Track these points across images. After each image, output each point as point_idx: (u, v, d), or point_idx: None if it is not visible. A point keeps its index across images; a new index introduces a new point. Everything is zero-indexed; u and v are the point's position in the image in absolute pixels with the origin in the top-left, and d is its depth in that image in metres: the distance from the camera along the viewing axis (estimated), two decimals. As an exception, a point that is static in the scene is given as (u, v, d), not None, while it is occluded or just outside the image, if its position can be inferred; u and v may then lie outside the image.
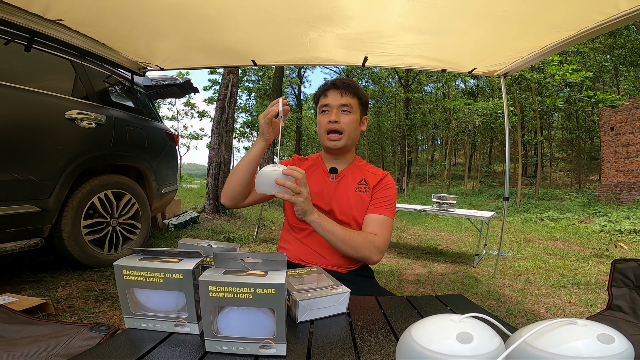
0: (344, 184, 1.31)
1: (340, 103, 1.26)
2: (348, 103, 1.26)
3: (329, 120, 1.25)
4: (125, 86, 3.28)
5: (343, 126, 1.26)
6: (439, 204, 4.43)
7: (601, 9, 1.73)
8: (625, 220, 7.52)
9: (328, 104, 1.27)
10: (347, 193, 1.29)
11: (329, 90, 1.28)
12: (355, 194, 1.29)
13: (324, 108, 1.29)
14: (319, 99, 1.32)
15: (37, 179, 2.23)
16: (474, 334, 0.44)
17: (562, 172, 26.59)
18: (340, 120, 1.26)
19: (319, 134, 1.34)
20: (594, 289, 3.12)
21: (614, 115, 11.87)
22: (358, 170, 1.35)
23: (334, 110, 1.26)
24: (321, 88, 1.32)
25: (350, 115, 1.27)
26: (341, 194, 1.29)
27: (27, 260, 2.89)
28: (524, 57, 2.52)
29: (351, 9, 1.97)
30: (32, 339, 0.77)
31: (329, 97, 1.27)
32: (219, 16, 2.07)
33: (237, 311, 0.57)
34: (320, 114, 1.31)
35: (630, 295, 1.26)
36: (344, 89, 1.26)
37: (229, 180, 1.22)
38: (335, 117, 1.25)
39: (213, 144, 6.67)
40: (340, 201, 1.27)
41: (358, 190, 1.29)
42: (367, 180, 1.32)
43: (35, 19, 1.93)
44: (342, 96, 1.26)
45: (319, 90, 1.34)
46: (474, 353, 0.42)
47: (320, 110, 1.31)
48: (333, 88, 1.28)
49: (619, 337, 0.41)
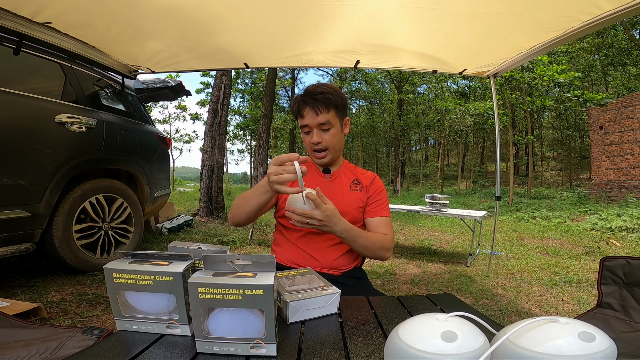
0: (338, 183, 1.34)
1: (318, 122, 1.23)
2: (326, 120, 1.24)
3: (312, 142, 1.26)
4: (116, 89, 3.27)
5: (326, 144, 1.26)
6: (432, 204, 4.46)
7: (586, 10, 1.77)
8: (616, 218, 7.62)
9: (307, 124, 1.25)
10: (342, 191, 1.32)
11: (304, 109, 1.25)
12: (350, 192, 1.33)
13: (305, 129, 1.28)
14: (297, 117, 1.30)
15: (27, 183, 2.21)
16: (458, 332, 0.44)
17: (553, 171, 26.91)
18: (322, 138, 1.26)
19: (306, 149, 1.35)
20: (586, 286, 3.16)
21: (602, 114, 12.03)
22: (349, 172, 1.39)
23: (314, 130, 1.25)
24: (295, 105, 1.29)
25: (331, 131, 1.26)
26: (337, 191, 1.32)
27: (18, 265, 2.86)
28: (513, 58, 2.55)
29: (342, 12, 1.98)
30: (25, 343, 0.77)
31: (306, 118, 1.24)
32: (211, 18, 2.06)
33: (227, 312, 0.58)
34: (303, 133, 1.31)
35: (620, 293, 1.27)
36: (317, 106, 1.22)
37: (237, 210, 1.19)
38: (317, 139, 1.25)
39: (206, 146, 6.65)
40: (336, 198, 1.26)
41: (352, 189, 1.33)
42: (359, 180, 1.36)
43: (24, 22, 1.91)
44: (317, 115, 1.23)
45: (294, 106, 1.30)
46: (459, 351, 0.43)
47: (301, 129, 1.31)
48: (306, 105, 1.24)
49: (600, 335, 0.42)
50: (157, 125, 10.70)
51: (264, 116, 10.53)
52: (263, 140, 10.38)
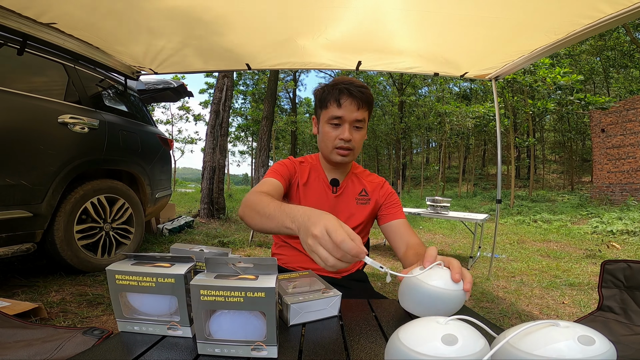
0: (345, 197, 1.27)
1: (355, 118, 1.12)
2: (363, 118, 1.13)
3: (342, 137, 1.13)
4: (119, 90, 3.28)
5: (355, 144, 1.16)
6: (433, 207, 4.46)
7: (588, 13, 1.77)
8: (617, 221, 7.61)
9: (341, 116, 1.12)
10: (348, 206, 1.26)
11: (344, 97, 1.11)
12: (356, 206, 1.26)
13: (335, 121, 1.13)
14: (328, 104, 1.14)
15: (29, 183, 2.22)
16: (459, 335, 0.45)
17: (554, 174, 26.86)
18: (352, 138, 1.14)
19: (324, 144, 1.19)
20: (587, 289, 3.15)
21: (604, 117, 12.04)
22: (357, 180, 1.31)
23: (346, 126, 1.12)
24: (333, 90, 1.13)
25: (362, 131, 1.17)
26: (342, 207, 1.26)
27: (19, 265, 2.87)
28: (515, 61, 2.56)
29: (345, 15, 1.99)
30: (25, 343, 0.77)
31: (343, 108, 1.11)
32: (214, 20, 2.07)
33: (229, 314, 0.58)
34: (329, 125, 1.15)
35: (620, 296, 1.27)
36: (361, 100, 1.11)
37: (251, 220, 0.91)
38: (349, 135, 1.12)
39: (208, 148, 6.66)
40: (342, 214, 1.24)
41: (359, 203, 1.27)
42: (367, 190, 1.29)
43: (29, 22, 1.92)
44: (357, 109, 1.11)
45: (329, 91, 1.14)
46: (459, 355, 0.43)
47: (328, 118, 1.15)
48: (349, 96, 1.10)
49: (600, 338, 0.42)
50: (160, 126, 10.68)
51: (265, 118, 10.55)
52: (264, 141, 10.40)
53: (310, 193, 1.24)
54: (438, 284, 0.67)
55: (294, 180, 1.25)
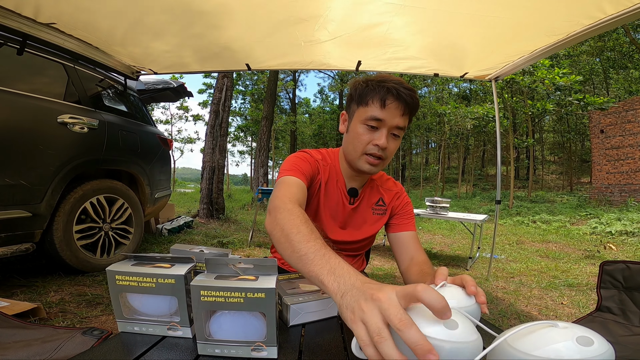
0: (362, 208, 1.20)
1: (397, 125, 0.99)
2: (404, 126, 1.02)
3: (377, 143, 0.99)
4: (118, 90, 3.28)
5: (388, 153, 1.03)
6: (432, 208, 4.46)
7: (589, 13, 1.77)
8: (616, 222, 7.62)
9: (383, 119, 0.98)
10: (363, 216, 1.20)
11: (390, 99, 0.97)
12: (372, 216, 1.21)
13: (373, 123, 0.99)
14: (370, 102, 0.99)
15: (28, 183, 2.21)
16: (459, 322, 0.46)
17: (553, 175, 26.88)
18: (389, 146, 1.02)
19: (353, 147, 1.05)
20: (586, 290, 3.16)
21: (603, 118, 12.05)
22: (375, 189, 1.23)
23: (384, 131, 0.99)
24: (379, 87, 0.98)
25: (398, 141, 1.05)
26: (358, 218, 1.20)
27: (18, 265, 2.86)
28: (515, 61, 2.56)
29: (344, 14, 1.99)
30: (24, 343, 0.77)
31: (387, 110, 0.97)
32: (213, 13, 2.07)
33: (229, 315, 0.58)
34: (364, 126, 1.01)
35: (619, 297, 1.28)
36: (407, 105, 0.99)
37: (282, 254, 0.72)
38: (385, 142, 0.99)
39: (207, 148, 6.66)
40: (355, 224, 1.20)
41: (375, 213, 1.21)
42: (384, 200, 1.22)
43: (28, 22, 1.92)
44: (402, 115, 0.99)
45: (373, 87, 0.99)
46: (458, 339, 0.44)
47: (365, 118, 1.00)
48: (397, 99, 0.97)
49: (599, 339, 0.42)
50: (159, 125, 10.64)
51: (265, 118, 10.55)
52: (264, 141, 10.40)
53: (328, 198, 1.16)
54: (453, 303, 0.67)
55: (317, 180, 1.14)
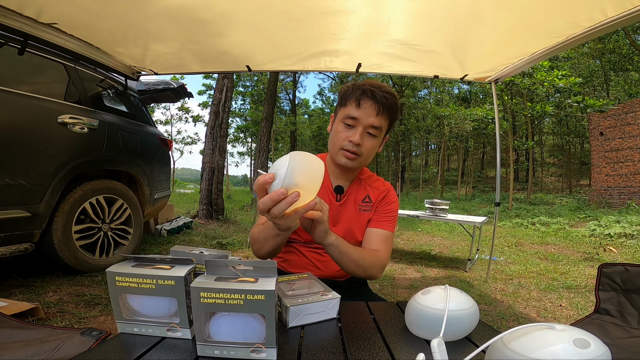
0: (348, 205, 1.22)
1: (371, 124, 1.07)
2: (379, 125, 1.08)
3: (352, 139, 1.07)
4: (119, 90, 3.28)
5: (362, 150, 1.10)
6: (431, 210, 4.46)
7: (589, 15, 1.76)
8: (615, 224, 7.62)
9: (357, 117, 1.06)
10: (350, 213, 1.21)
11: (365, 99, 1.06)
12: (358, 213, 1.21)
13: (349, 121, 1.08)
14: (348, 102, 1.09)
15: (28, 183, 2.21)
16: None
17: (553, 177, 26.92)
18: (362, 144, 1.09)
19: (332, 143, 1.15)
20: (584, 292, 3.16)
21: (603, 120, 12.06)
22: (362, 186, 1.25)
23: (359, 129, 1.07)
24: (356, 90, 1.08)
25: (374, 140, 1.11)
26: (344, 215, 1.21)
27: (17, 265, 2.86)
28: (514, 64, 2.57)
29: (345, 15, 1.99)
30: (23, 343, 0.77)
31: (361, 110, 1.06)
32: (214, 21, 2.08)
33: (228, 317, 0.58)
34: (342, 124, 1.10)
35: (617, 299, 1.28)
36: (382, 106, 1.06)
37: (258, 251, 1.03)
38: (359, 139, 1.07)
39: (207, 149, 6.66)
40: (342, 221, 1.21)
41: (362, 209, 1.22)
42: (370, 197, 1.23)
43: (30, 22, 1.92)
44: (376, 114, 1.06)
45: (352, 90, 1.09)
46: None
47: (343, 117, 1.10)
48: (371, 99, 1.05)
49: (595, 341, 0.42)
50: (159, 126, 10.63)
51: (265, 119, 10.55)
52: (264, 142, 10.39)
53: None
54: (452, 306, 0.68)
55: None
